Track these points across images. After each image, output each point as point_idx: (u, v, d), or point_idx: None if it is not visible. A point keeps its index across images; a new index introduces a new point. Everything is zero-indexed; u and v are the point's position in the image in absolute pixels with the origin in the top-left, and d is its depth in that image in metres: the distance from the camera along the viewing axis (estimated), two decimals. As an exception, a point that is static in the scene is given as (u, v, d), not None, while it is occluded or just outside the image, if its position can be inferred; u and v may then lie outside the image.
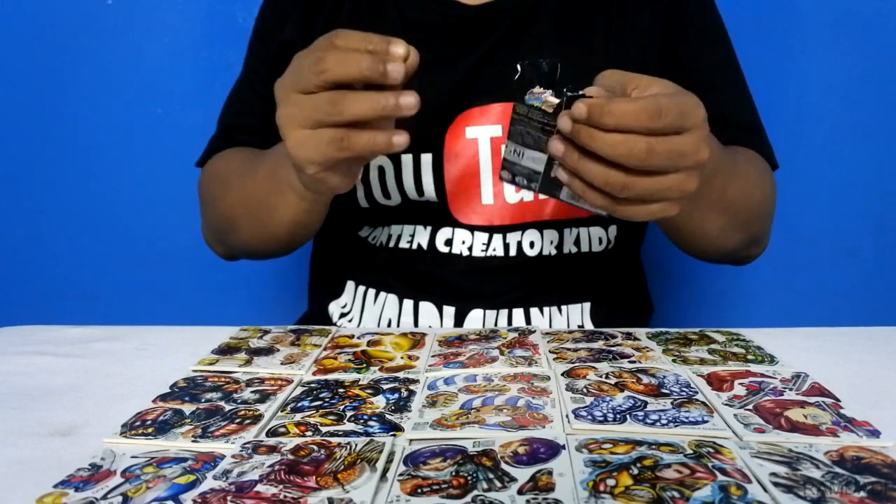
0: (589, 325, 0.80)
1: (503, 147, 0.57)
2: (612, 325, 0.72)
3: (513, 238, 0.78)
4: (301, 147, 0.55)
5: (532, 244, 0.78)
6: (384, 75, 0.51)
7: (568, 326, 0.79)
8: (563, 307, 0.80)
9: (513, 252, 0.78)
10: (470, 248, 0.78)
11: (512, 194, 0.76)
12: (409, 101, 0.52)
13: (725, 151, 0.68)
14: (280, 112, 0.56)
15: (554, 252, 0.79)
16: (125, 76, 1.25)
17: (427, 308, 0.80)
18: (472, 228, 0.78)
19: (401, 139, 0.54)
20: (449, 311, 0.79)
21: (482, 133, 0.75)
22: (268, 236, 0.73)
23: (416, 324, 0.80)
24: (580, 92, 0.52)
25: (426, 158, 0.75)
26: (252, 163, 0.73)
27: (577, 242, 0.80)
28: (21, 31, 1.24)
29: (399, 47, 0.52)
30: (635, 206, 0.54)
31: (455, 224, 0.78)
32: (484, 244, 0.78)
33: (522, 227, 0.78)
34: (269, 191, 0.68)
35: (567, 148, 0.52)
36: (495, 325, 0.78)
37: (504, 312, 0.79)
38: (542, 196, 0.61)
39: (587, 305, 0.81)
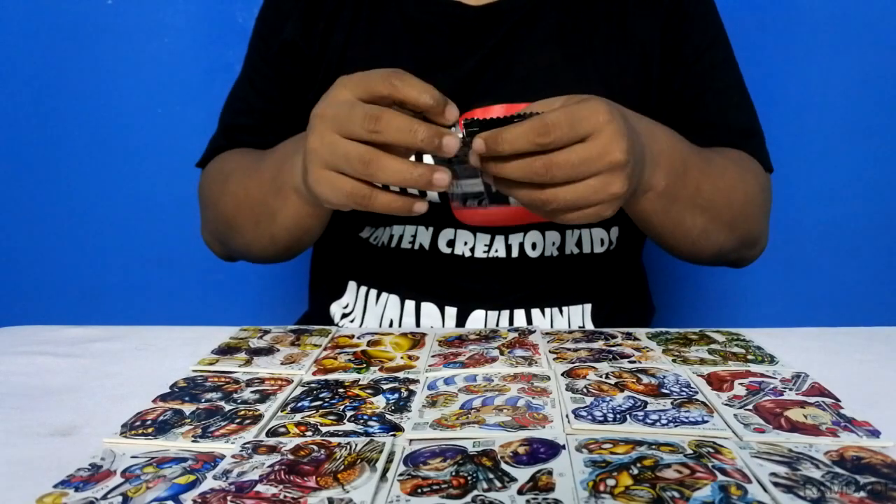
0: (590, 326, 0.80)
1: None
2: (613, 325, 0.72)
3: (515, 239, 0.78)
4: (321, 185, 0.56)
5: (534, 245, 0.78)
6: (438, 148, 0.53)
7: (569, 327, 0.79)
8: (565, 308, 0.80)
9: (515, 253, 0.78)
10: (472, 250, 0.78)
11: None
12: (441, 179, 0.53)
13: (697, 150, 0.68)
14: (310, 144, 0.56)
15: (556, 253, 0.79)
16: (125, 76, 1.26)
17: (429, 309, 0.80)
18: (475, 229, 0.78)
19: (421, 207, 0.56)
20: (451, 311, 0.79)
21: None
22: (269, 239, 0.73)
23: (417, 324, 0.80)
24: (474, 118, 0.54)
25: (428, 159, 0.75)
26: (254, 164, 0.72)
27: (578, 244, 0.80)
28: (21, 31, 1.24)
29: (453, 111, 0.54)
30: (570, 214, 0.56)
31: (457, 225, 0.78)
32: (486, 245, 0.78)
33: (524, 229, 0.78)
34: (272, 193, 0.68)
35: (497, 180, 0.55)
36: (497, 325, 0.78)
37: (505, 313, 0.79)
38: (493, 206, 0.62)
39: (588, 306, 0.81)
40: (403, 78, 0.53)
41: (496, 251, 0.78)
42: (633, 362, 0.58)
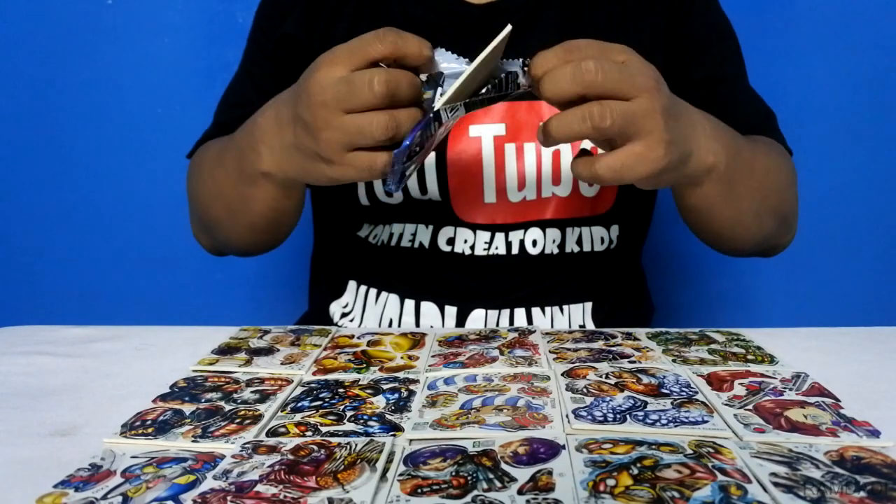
0: (590, 325, 0.80)
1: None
2: (613, 325, 0.72)
3: (515, 237, 0.78)
4: (344, 170, 0.55)
5: (535, 243, 0.78)
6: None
7: (569, 326, 0.79)
8: (565, 307, 0.80)
9: (515, 251, 0.78)
10: (472, 247, 0.78)
11: (515, 193, 0.76)
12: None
13: (737, 133, 0.66)
14: (322, 135, 0.53)
15: (556, 251, 0.79)
16: (125, 76, 1.26)
17: (429, 308, 0.80)
18: (475, 227, 0.78)
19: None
20: (451, 310, 0.79)
21: (485, 131, 0.75)
22: (246, 228, 0.72)
23: (417, 324, 0.80)
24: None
25: (429, 157, 0.75)
26: (219, 154, 0.71)
27: (579, 242, 0.80)
28: (21, 31, 1.24)
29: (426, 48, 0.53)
30: (621, 153, 0.52)
31: (457, 223, 0.78)
32: (486, 243, 0.78)
33: (525, 226, 0.78)
34: (241, 182, 0.66)
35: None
36: (497, 325, 0.78)
37: (506, 312, 0.79)
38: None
39: (588, 305, 0.81)
40: (400, 34, 0.51)
41: (496, 249, 0.78)
42: (633, 362, 0.58)
